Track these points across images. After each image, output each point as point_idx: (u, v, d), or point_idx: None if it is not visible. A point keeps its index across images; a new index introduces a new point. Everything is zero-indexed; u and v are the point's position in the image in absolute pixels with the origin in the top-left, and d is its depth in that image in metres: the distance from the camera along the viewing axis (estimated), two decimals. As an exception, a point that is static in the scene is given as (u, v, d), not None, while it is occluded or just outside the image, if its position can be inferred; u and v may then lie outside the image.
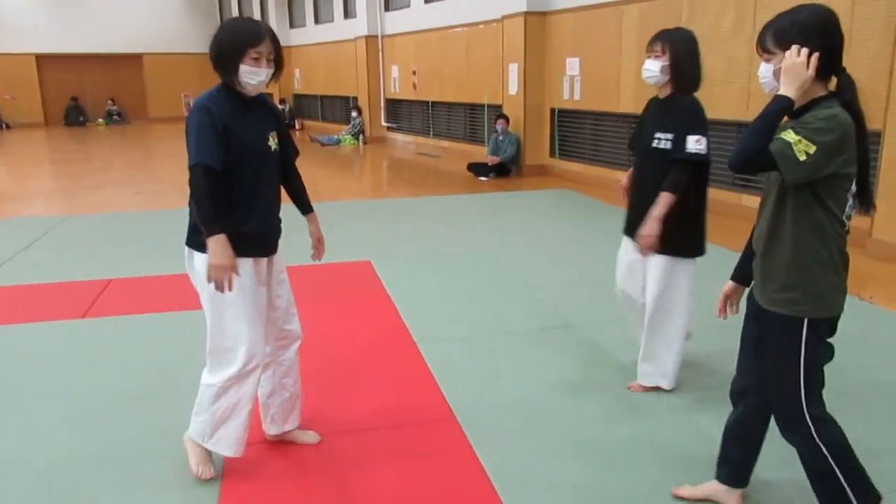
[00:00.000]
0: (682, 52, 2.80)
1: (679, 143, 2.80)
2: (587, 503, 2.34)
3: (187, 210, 2.34)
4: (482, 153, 10.16)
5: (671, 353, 3.04)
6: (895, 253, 5.27)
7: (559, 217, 7.12)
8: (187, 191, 2.28)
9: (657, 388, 3.09)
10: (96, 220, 7.11)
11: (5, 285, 4.89)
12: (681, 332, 3.06)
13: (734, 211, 6.85)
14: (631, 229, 3.01)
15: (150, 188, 9.23)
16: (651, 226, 2.85)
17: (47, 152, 14.56)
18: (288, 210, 2.56)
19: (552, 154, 9.72)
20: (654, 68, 2.89)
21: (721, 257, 5.42)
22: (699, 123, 2.80)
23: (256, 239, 2.38)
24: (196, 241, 2.33)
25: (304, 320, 2.69)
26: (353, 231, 6.49)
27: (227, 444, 2.44)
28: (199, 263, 2.34)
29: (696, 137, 2.78)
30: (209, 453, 2.49)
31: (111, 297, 4.60)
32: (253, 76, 2.28)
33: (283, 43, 2.43)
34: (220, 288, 2.22)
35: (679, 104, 2.86)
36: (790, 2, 1.96)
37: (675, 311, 3.03)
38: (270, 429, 2.67)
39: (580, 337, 3.81)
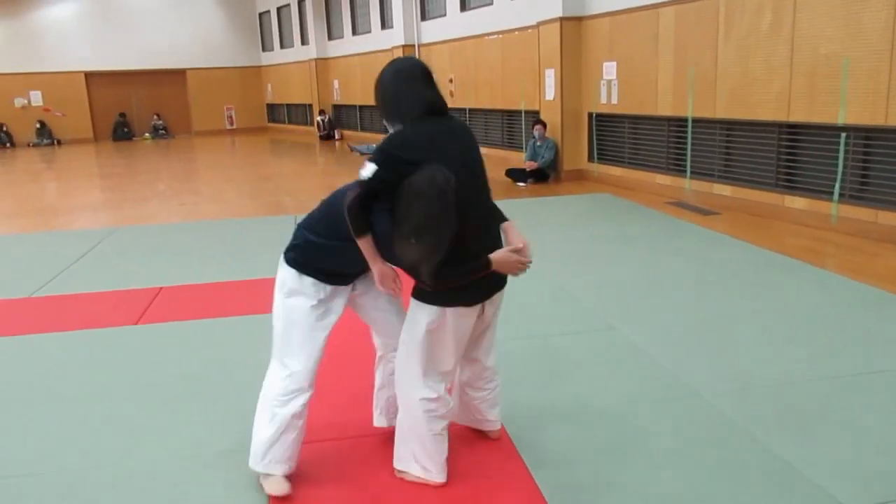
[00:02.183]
0: (378, 86, 2.45)
1: None
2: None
3: (226, 222, 2.42)
4: (520, 159, 10.17)
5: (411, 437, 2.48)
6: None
7: (599, 221, 7.11)
8: (227, 202, 2.36)
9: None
10: (143, 232, 7.32)
11: (60, 294, 5.08)
12: (417, 410, 2.42)
13: (776, 213, 6.75)
14: None
15: (193, 200, 9.46)
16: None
17: (96, 166, 15.02)
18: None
19: (590, 159, 9.69)
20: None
21: (762, 259, 5.39)
22: (377, 151, 2.35)
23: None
24: (288, 256, 2.47)
25: (346, 325, 2.74)
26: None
27: (276, 461, 2.45)
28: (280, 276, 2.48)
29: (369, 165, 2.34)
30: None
31: (162, 304, 4.74)
32: None
33: (321, 55, 2.53)
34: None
35: None
36: (828, 2, 1.96)
37: (406, 371, 2.46)
38: (379, 421, 2.77)
39: (623, 340, 3.81)
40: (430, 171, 2.14)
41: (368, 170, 2.25)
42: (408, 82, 2.40)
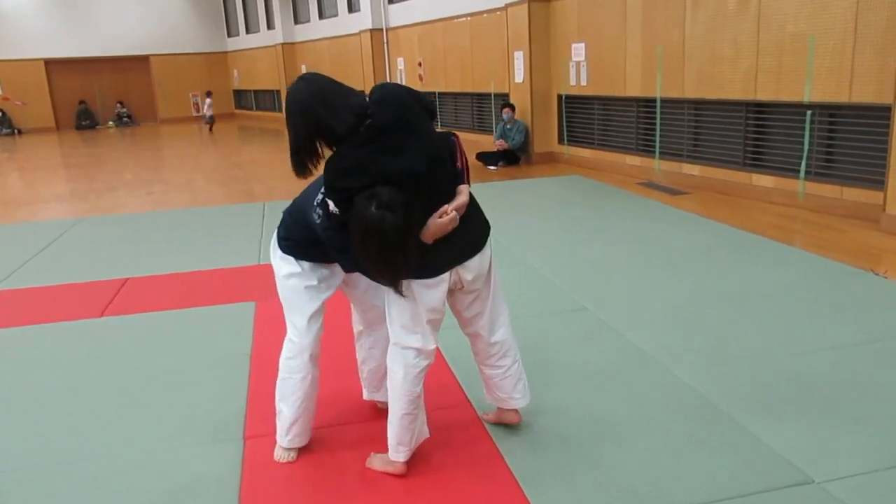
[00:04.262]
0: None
1: None
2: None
3: (195, 210, 2.37)
4: (491, 142, 10.15)
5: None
6: (909, 227, 5.23)
7: (570, 203, 7.11)
8: (196, 191, 2.34)
9: None
10: (109, 222, 7.17)
11: (22, 287, 4.96)
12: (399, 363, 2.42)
13: (744, 191, 6.81)
14: None
15: (161, 189, 9.30)
16: None
17: (59, 156, 14.69)
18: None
19: (560, 141, 9.69)
20: None
21: (731, 237, 5.44)
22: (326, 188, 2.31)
23: None
24: (281, 242, 2.51)
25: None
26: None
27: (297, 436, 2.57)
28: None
29: None
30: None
31: (128, 295, 4.65)
32: None
33: (288, 40, 2.48)
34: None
35: None
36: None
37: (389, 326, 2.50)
38: (367, 394, 2.87)
39: (596, 320, 3.81)
40: (364, 205, 2.10)
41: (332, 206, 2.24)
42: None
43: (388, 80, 14.22)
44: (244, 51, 21.60)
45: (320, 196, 2.30)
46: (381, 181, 2.12)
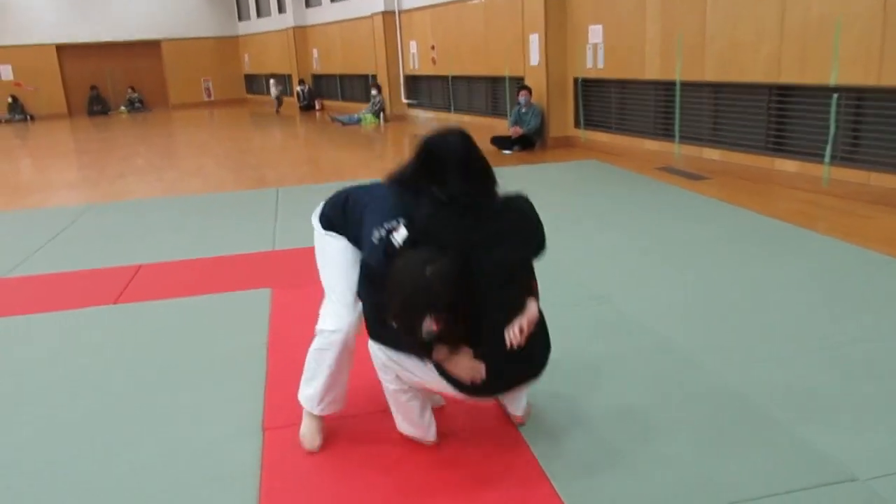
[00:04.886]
0: None
1: None
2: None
3: (207, 196, 2.30)
4: (505, 127, 10.01)
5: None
6: None
7: (587, 189, 7.00)
8: (208, 177, 2.28)
9: None
10: (121, 208, 7.12)
11: (35, 274, 4.91)
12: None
13: (767, 176, 6.67)
14: None
15: (172, 175, 9.24)
16: None
17: (71, 142, 14.67)
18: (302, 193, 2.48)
19: (577, 125, 9.55)
20: None
21: (754, 223, 5.31)
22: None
23: None
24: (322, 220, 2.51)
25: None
26: (379, 210, 6.42)
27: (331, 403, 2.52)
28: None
29: None
30: (319, 423, 2.53)
31: (142, 282, 4.59)
32: None
33: (299, 23, 2.42)
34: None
35: None
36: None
37: None
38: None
39: (618, 310, 3.72)
40: (417, 259, 2.05)
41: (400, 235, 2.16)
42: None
43: (404, 63, 14.05)
44: (255, 35, 21.46)
45: (397, 224, 2.18)
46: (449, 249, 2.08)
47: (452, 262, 2.04)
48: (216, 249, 5.28)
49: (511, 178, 2.41)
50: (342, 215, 2.43)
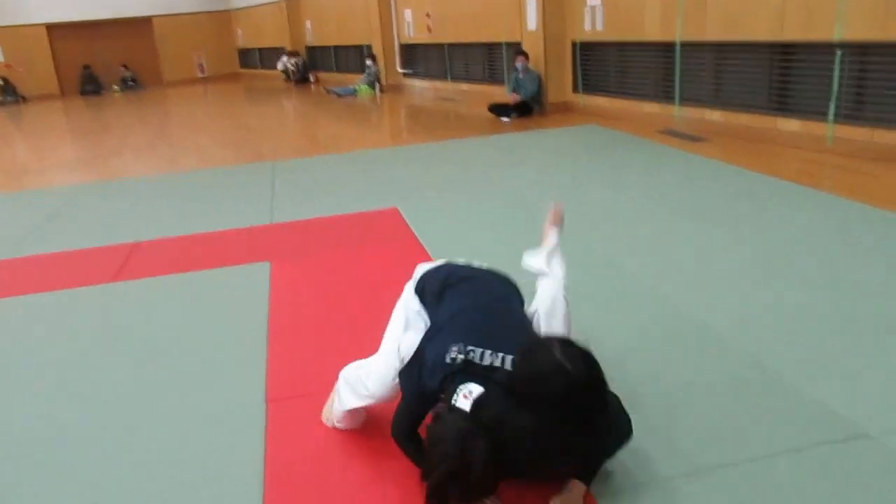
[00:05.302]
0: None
1: None
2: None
3: (204, 172, 2.23)
4: (503, 93, 9.88)
5: None
6: None
7: (588, 153, 6.91)
8: (203, 153, 2.18)
9: None
10: (117, 187, 7.04)
11: (32, 255, 4.86)
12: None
13: (769, 136, 6.58)
14: None
15: (168, 152, 9.15)
16: None
17: (65, 122, 14.54)
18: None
19: (575, 89, 9.42)
20: None
21: (758, 184, 5.24)
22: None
23: None
24: None
25: (335, 270, 2.57)
26: (377, 179, 6.36)
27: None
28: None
29: None
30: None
31: (140, 259, 4.54)
32: None
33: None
34: None
35: None
36: None
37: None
38: None
39: (627, 274, 3.67)
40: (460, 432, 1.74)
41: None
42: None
43: (399, 32, 13.85)
44: (248, 8, 21.16)
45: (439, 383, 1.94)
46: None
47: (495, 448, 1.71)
48: (214, 224, 5.22)
49: (510, 145, 2.33)
50: (436, 298, 2.23)
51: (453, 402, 1.88)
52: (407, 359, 2.07)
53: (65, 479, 2.30)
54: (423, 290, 2.30)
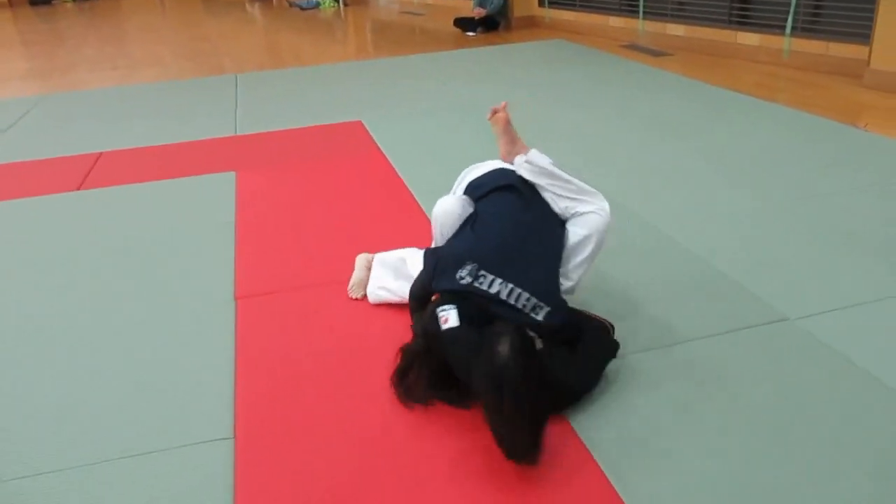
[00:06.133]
0: None
1: None
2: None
3: (164, 84, 2.25)
4: (469, 8, 9.74)
5: None
6: (893, 82, 5.17)
7: (553, 68, 6.93)
8: (163, 65, 2.20)
9: None
10: (75, 98, 6.90)
11: (-6, 165, 4.83)
12: None
13: (729, 50, 6.67)
14: None
15: (126, 64, 8.90)
16: None
17: (15, 33, 13.93)
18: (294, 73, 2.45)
19: (541, 4, 9.33)
20: None
21: (715, 97, 5.37)
22: None
23: None
24: None
25: (299, 179, 2.66)
26: (341, 93, 6.33)
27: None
28: None
29: None
30: (367, 280, 2.69)
31: (104, 169, 4.55)
32: None
33: None
34: None
35: None
36: None
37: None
38: None
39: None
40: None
41: None
42: None
43: None
44: (202, -86, 20.13)
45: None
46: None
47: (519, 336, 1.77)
48: (177, 136, 5.21)
49: (475, 60, 2.40)
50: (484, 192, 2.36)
51: (438, 310, 1.96)
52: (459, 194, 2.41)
53: (42, 376, 2.41)
54: (471, 187, 2.43)
